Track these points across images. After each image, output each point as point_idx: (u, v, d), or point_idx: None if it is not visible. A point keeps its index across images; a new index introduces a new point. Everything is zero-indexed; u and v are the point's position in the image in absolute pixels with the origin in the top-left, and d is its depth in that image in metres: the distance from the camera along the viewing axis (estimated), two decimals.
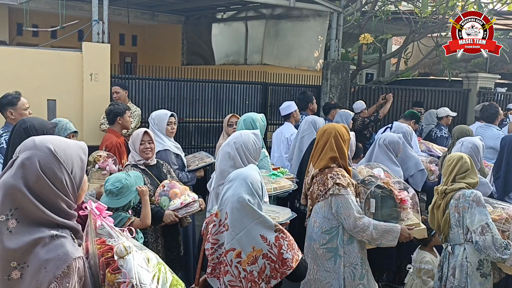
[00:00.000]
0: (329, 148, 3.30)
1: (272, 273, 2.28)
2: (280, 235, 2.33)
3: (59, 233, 1.45)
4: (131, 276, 1.55)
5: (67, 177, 1.49)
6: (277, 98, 8.08)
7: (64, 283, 1.40)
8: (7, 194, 1.42)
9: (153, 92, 7.19)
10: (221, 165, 3.20)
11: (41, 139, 1.52)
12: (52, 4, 8.64)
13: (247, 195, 2.33)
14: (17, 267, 1.39)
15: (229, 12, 10.64)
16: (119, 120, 4.74)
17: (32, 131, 2.98)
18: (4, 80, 5.80)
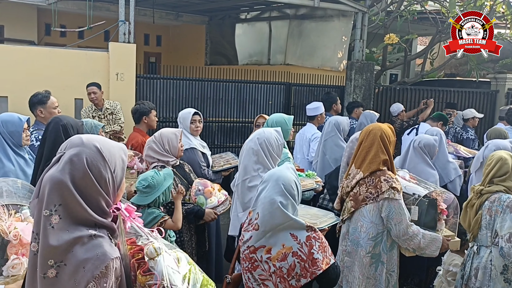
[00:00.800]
0: (380, 151, 3.15)
1: (302, 271, 2.28)
2: (312, 235, 2.33)
3: (97, 233, 1.46)
4: (162, 278, 1.55)
5: (110, 176, 1.51)
6: (300, 98, 8.06)
7: (102, 283, 1.41)
8: (54, 189, 1.43)
9: (177, 92, 7.25)
10: (245, 161, 3.21)
11: (88, 137, 1.53)
12: (80, 5, 8.81)
13: (280, 197, 2.34)
14: (53, 266, 1.40)
15: (252, 12, 10.66)
16: (145, 119, 4.80)
17: (69, 128, 3.07)
18: (34, 79, 5.94)
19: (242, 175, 3.22)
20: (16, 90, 5.92)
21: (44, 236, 1.42)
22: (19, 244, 1.94)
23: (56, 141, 3.09)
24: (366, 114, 6.12)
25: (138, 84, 6.81)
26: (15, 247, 1.94)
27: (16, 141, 3.40)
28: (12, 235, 1.93)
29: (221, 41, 11.52)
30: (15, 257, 1.94)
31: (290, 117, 4.34)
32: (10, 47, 6.76)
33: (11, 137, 3.36)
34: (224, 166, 4.47)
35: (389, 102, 8.57)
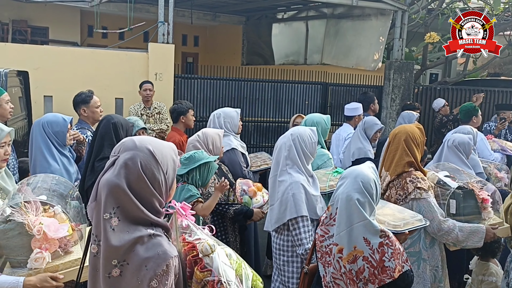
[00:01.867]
0: (404, 153, 3.17)
1: (370, 277, 2.25)
2: (386, 241, 2.28)
3: (156, 232, 1.50)
4: (219, 274, 1.59)
5: (163, 178, 1.54)
6: (337, 98, 7.98)
7: (163, 280, 1.45)
8: (111, 193, 1.47)
9: (214, 92, 7.33)
10: (277, 156, 3.20)
11: (140, 140, 1.57)
12: (121, 7, 9.04)
13: (357, 193, 2.32)
14: (117, 265, 1.45)
15: (289, 12, 10.63)
16: (182, 118, 4.86)
17: (119, 127, 3.16)
18: (76, 79, 6.14)
19: (274, 169, 3.22)
20: (60, 90, 6.13)
21: (106, 238, 1.47)
22: (43, 239, 2.02)
23: (104, 138, 3.18)
24: (404, 115, 5.99)
25: (176, 84, 6.93)
26: (39, 241, 2.02)
27: (60, 141, 3.49)
28: (36, 230, 2.00)
29: (257, 41, 11.55)
30: (38, 251, 2.02)
31: (328, 116, 4.36)
32: (55, 48, 7.02)
33: (56, 137, 3.47)
34: (261, 166, 4.47)
35: (429, 102, 8.36)
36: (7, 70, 4.69)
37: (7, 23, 10.46)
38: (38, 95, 6.06)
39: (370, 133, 4.99)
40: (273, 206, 3.07)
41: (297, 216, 2.93)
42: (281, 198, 3.01)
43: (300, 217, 2.94)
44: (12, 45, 6.95)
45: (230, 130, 4.32)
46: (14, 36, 10.43)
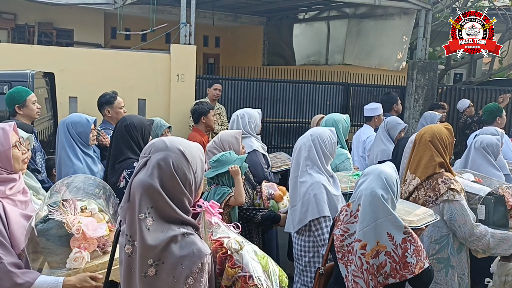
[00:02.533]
0: (434, 154, 3.07)
1: (392, 272, 2.27)
2: (408, 238, 2.29)
3: (188, 231, 1.53)
4: (249, 270, 1.61)
5: (193, 177, 1.57)
6: (359, 99, 7.91)
7: (198, 278, 1.47)
8: (145, 193, 1.50)
9: (235, 92, 7.35)
10: (297, 157, 3.18)
11: (170, 141, 1.59)
12: (143, 9, 9.15)
13: (381, 189, 2.33)
14: (152, 265, 1.47)
15: (311, 12, 10.59)
16: (203, 119, 4.89)
17: (132, 129, 3.20)
18: (100, 80, 6.24)
19: (294, 171, 3.21)
20: (85, 91, 6.24)
21: (142, 238, 1.49)
22: (82, 238, 2.02)
23: (120, 140, 3.23)
24: (426, 116, 5.88)
25: (198, 85, 6.97)
26: (78, 240, 2.02)
27: (84, 141, 3.57)
28: (75, 229, 2.01)
29: (278, 41, 11.54)
30: (77, 251, 2.01)
31: (347, 116, 4.36)
32: (79, 50, 7.15)
33: (79, 138, 3.54)
34: (281, 167, 4.46)
35: (453, 103, 8.21)
36: (33, 72, 4.80)
37: (33, 25, 10.71)
38: (64, 96, 6.17)
39: (394, 134, 4.91)
40: (295, 208, 3.06)
41: (319, 216, 2.92)
42: (302, 199, 3.00)
43: (323, 218, 2.93)
44: (38, 47, 7.12)
45: (253, 130, 4.33)
46: (40, 39, 10.66)
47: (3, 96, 4.61)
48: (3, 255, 1.92)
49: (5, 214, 1.99)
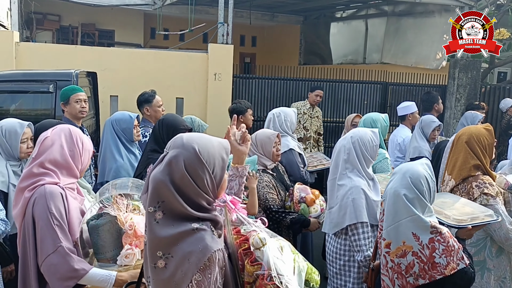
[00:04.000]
0: (468, 156, 3.01)
1: (421, 272, 2.23)
2: (436, 237, 2.24)
3: (200, 226, 1.52)
4: (268, 267, 1.58)
5: (208, 177, 1.56)
6: (397, 98, 7.75)
7: (206, 274, 1.48)
8: (156, 188, 1.52)
9: (271, 91, 7.36)
10: (336, 159, 3.13)
11: (188, 138, 1.59)
12: (182, 9, 9.29)
13: (404, 189, 2.29)
14: (162, 257, 1.49)
15: (348, 10, 10.47)
16: (241, 118, 4.91)
17: (163, 125, 3.20)
18: (140, 79, 6.38)
19: (332, 172, 3.16)
20: (125, 90, 6.40)
21: (150, 230, 1.52)
22: (134, 235, 2.05)
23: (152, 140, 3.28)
24: (467, 116, 5.70)
25: (234, 84, 7.02)
26: (130, 237, 2.05)
27: (128, 137, 3.67)
28: (128, 225, 2.04)
29: (315, 40, 11.47)
30: (129, 247, 2.04)
31: (386, 115, 4.28)
32: (120, 50, 7.34)
33: (123, 134, 3.64)
34: (317, 167, 4.43)
35: (496, 102, 7.92)
36: (77, 71, 4.96)
37: (76, 26, 11.08)
38: (105, 95, 6.35)
39: (427, 132, 4.80)
40: (332, 210, 3.02)
41: (357, 222, 2.87)
42: (340, 202, 2.95)
43: (360, 223, 2.87)
44: (82, 47, 7.35)
45: (289, 129, 4.32)
46: (83, 39, 11.02)
47: (49, 95, 4.81)
48: (63, 239, 2.01)
49: (67, 203, 2.09)
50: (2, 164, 2.94)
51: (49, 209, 2.02)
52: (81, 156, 2.22)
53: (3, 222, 2.68)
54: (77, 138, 2.21)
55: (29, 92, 4.92)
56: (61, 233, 2.01)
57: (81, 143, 2.22)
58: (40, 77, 4.96)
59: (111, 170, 3.52)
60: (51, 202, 2.03)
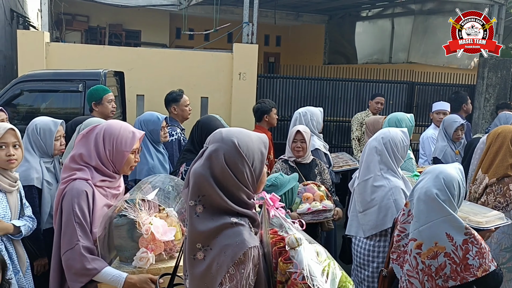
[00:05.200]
0: (508, 154, 2.96)
1: (452, 274, 2.20)
2: (470, 239, 2.21)
3: (238, 221, 1.54)
4: (302, 267, 1.58)
5: (248, 170, 1.57)
6: (424, 98, 7.63)
7: (240, 269, 1.49)
8: (196, 182, 1.55)
9: (295, 91, 7.34)
10: (367, 160, 3.10)
11: (227, 132, 1.61)
12: (207, 9, 9.35)
13: (437, 189, 2.25)
14: (201, 249, 1.52)
15: (374, 9, 10.35)
16: (266, 117, 4.93)
17: (198, 126, 3.27)
18: (166, 79, 6.46)
19: (364, 174, 3.12)
20: (151, 89, 6.49)
21: (191, 223, 1.55)
22: (150, 239, 2.06)
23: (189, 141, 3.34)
24: (501, 116, 5.57)
25: (259, 83, 7.03)
26: (146, 241, 2.06)
27: (155, 138, 3.72)
28: (145, 229, 2.05)
29: (340, 40, 11.38)
30: (144, 251, 2.06)
31: (411, 115, 4.23)
32: (146, 50, 7.44)
33: (151, 135, 3.69)
34: (343, 167, 4.41)
35: None
36: (106, 71, 5.06)
37: (104, 27, 11.28)
38: (132, 94, 6.45)
39: (450, 131, 4.73)
40: (368, 212, 2.98)
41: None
42: (380, 204, 2.91)
43: None
44: (109, 47, 7.47)
45: (315, 128, 4.32)
46: (110, 39, 11.21)
47: (78, 94, 4.92)
48: (81, 237, 2.05)
49: (93, 201, 2.12)
50: (36, 161, 3.01)
51: (72, 206, 2.07)
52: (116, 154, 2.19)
53: (31, 219, 2.75)
54: (116, 137, 2.20)
55: (59, 91, 5.05)
56: (80, 230, 2.06)
57: (120, 142, 2.20)
58: (69, 77, 5.08)
59: (143, 170, 3.57)
60: (75, 199, 2.08)
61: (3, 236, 2.53)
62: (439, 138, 4.83)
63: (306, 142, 3.70)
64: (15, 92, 4.90)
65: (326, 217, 3.39)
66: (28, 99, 5.06)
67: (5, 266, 2.42)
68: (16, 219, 2.62)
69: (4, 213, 2.55)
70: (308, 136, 3.72)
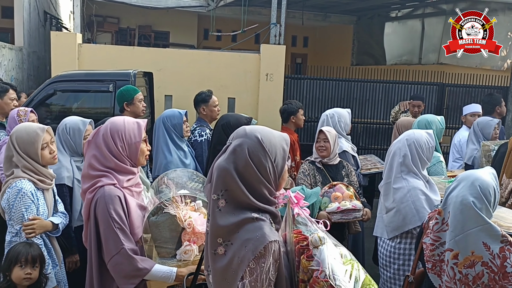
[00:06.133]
0: None
1: (490, 283, 2.15)
2: (507, 247, 2.16)
3: (259, 216, 1.56)
4: (324, 266, 1.58)
5: (271, 165, 1.59)
6: (455, 100, 7.46)
7: (260, 262, 1.50)
8: (220, 176, 1.57)
9: (323, 92, 7.29)
10: (391, 162, 3.07)
11: (251, 128, 1.65)
12: (235, 10, 9.41)
13: (473, 198, 2.20)
14: (222, 244, 1.54)
15: (404, 10, 10.20)
16: (293, 118, 4.92)
17: (228, 127, 3.34)
18: (193, 79, 6.52)
19: (387, 176, 3.11)
20: (179, 89, 6.56)
21: (213, 217, 1.57)
22: (192, 232, 2.12)
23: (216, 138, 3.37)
24: None
25: (286, 84, 7.02)
26: (188, 234, 2.12)
27: (178, 132, 3.81)
28: (187, 223, 2.10)
29: (368, 40, 11.27)
30: (188, 244, 2.12)
31: (442, 117, 4.16)
32: (175, 51, 7.52)
33: (174, 130, 3.78)
34: (371, 170, 4.36)
35: None
36: (135, 71, 5.14)
37: (134, 28, 11.49)
38: (160, 94, 6.53)
39: (489, 132, 4.60)
40: (389, 214, 2.96)
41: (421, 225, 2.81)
42: (399, 205, 2.89)
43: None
44: (139, 48, 7.59)
45: (343, 130, 4.29)
46: (140, 40, 11.42)
47: (109, 94, 5.01)
48: (124, 241, 2.08)
49: (126, 204, 2.15)
50: (67, 160, 3.09)
51: (109, 213, 2.07)
52: (129, 148, 2.18)
53: (64, 215, 2.82)
54: (123, 132, 2.17)
55: (90, 91, 5.16)
56: (122, 235, 2.08)
57: (128, 135, 2.18)
58: (100, 77, 5.18)
59: (161, 165, 3.67)
60: (111, 206, 2.08)
61: (42, 232, 2.61)
62: (470, 141, 4.71)
63: (329, 142, 3.67)
64: (48, 92, 5.03)
65: (355, 217, 3.37)
66: (60, 99, 5.19)
67: (43, 261, 2.50)
68: (51, 216, 2.70)
69: (43, 210, 2.63)
70: (332, 136, 3.70)
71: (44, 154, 2.64)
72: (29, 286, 2.49)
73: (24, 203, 2.54)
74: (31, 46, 9.26)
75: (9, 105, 4.23)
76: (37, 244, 2.55)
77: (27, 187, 2.56)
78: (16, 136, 2.63)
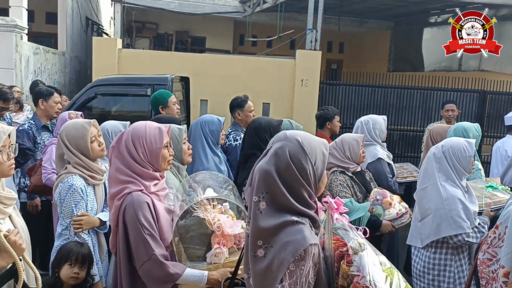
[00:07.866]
0: None
1: None
2: None
3: (299, 220, 1.56)
4: (364, 272, 1.57)
5: (311, 168, 1.59)
6: (497, 108, 7.23)
7: (300, 265, 1.50)
8: (262, 179, 1.58)
9: (358, 98, 7.22)
10: (426, 168, 3.01)
11: (291, 132, 1.66)
12: (271, 16, 9.45)
13: None
14: (262, 246, 1.55)
15: (443, 15, 9.98)
16: (328, 124, 4.88)
17: (260, 130, 3.34)
18: (229, 84, 6.58)
19: (422, 182, 3.03)
20: (214, 94, 6.64)
21: (254, 219, 1.58)
22: (221, 235, 2.12)
23: (248, 141, 3.38)
24: None
25: (321, 90, 6.99)
26: (218, 237, 2.12)
27: (215, 139, 3.82)
28: (216, 226, 2.10)
29: (406, 46, 11.08)
30: (218, 247, 2.11)
31: (477, 124, 4.00)
32: (212, 56, 7.63)
33: (211, 136, 3.80)
34: (407, 178, 4.26)
35: None
36: (172, 76, 5.23)
37: (171, 34, 11.72)
38: (196, 99, 6.63)
39: None
40: (424, 221, 2.90)
41: (458, 233, 2.76)
42: (434, 212, 2.83)
43: (464, 234, 2.76)
44: (176, 53, 7.75)
45: (378, 136, 4.22)
46: (177, 46, 11.63)
47: (147, 98, 5.11)
48: (155, 247, 2.09)
49: (155, 209, 2.15)
50: None
51: (138, 220, 2.08)
52: (150, 154, 2.17)
53: None
54: (144, 138, 2.17)
55: (129, 95, 5.29)
56: (152, 241, 2.09)
57: (149, 141, 2.17)
58: (139, 81, 5.30)
59: (198, 171, 3.66)
60: (140, 212, 2.09)
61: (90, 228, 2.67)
62: None
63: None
64: (89, 95, 5.18)
65: (407, 220, 3.33)
66: (101, 102, 5.33)
67: (92, 262, 2.56)
68: (100, 211, 2.77)
69: (92, 206, 2.68)
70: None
71: (94, 147, 2.69)
72: (74, 285, 2.55)
73: (74, 199, 2.60)
74: (73, 51, 9.59)
75: (54, 108, 4.37)
76: (87, 245, 2.61)
77: (78, 183, 2.62)
78: (66, 133, 2.70)
